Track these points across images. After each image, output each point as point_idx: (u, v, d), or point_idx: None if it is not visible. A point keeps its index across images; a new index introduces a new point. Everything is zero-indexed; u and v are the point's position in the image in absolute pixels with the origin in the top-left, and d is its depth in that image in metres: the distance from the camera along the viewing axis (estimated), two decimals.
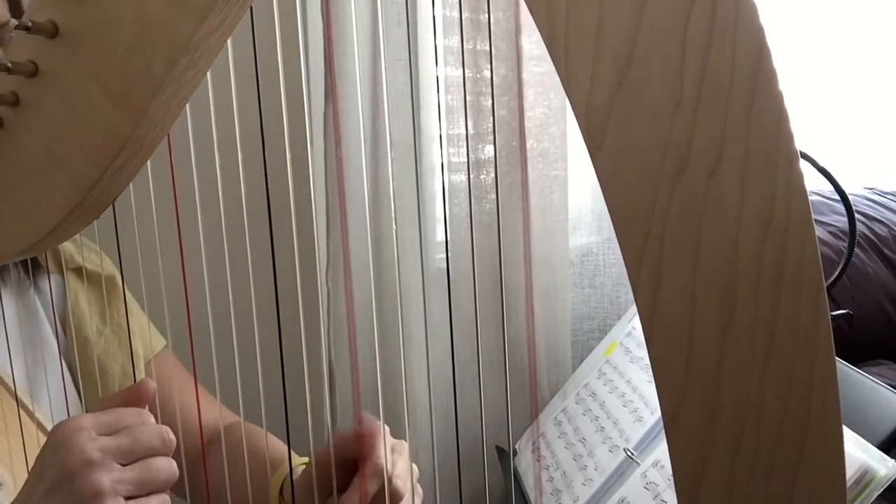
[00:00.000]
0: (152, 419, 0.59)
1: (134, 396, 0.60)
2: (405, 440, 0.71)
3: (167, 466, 0.57)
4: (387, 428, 0.69)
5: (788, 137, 0.38)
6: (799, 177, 0.39)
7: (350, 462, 0.68)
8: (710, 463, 0.41)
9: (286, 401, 0.63)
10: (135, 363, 0.84)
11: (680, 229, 0.40)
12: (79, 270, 0.83)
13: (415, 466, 0.71)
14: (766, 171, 0.39)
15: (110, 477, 0.54)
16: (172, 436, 0.58)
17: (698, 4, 0.38)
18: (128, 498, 0.55)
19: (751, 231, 0.39)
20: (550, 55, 0.41)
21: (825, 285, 0.40)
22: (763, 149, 0.39)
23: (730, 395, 0.41)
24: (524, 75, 1.27)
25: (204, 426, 0.78)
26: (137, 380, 0.83)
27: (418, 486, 0.71)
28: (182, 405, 0.83)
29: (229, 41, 0.50)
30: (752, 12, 0.38)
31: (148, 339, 0.90)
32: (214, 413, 0.83)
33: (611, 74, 0.40)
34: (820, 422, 0.40)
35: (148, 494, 0.56)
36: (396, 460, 0.68)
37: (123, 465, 0.55)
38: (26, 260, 0.78)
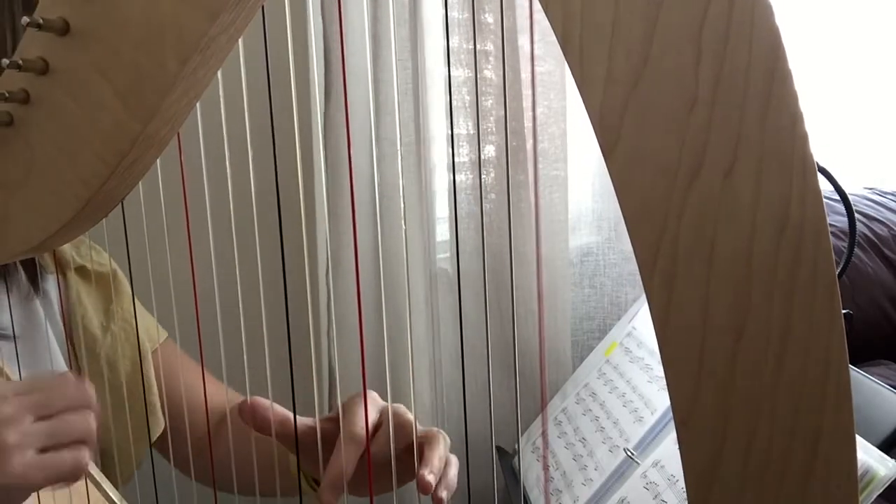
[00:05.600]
0: (71, 379, 0.58)
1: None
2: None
3: (82, 419, 0.56)
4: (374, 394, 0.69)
5: (803, 138, 0.38)
6: (814, 177, 0.39)
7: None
8: (721, 465, 0.41)
9: (294, 400, 0.64)
10: (143, 355, 0.84)
11: (694, 230, 0.40)
12: (79, 270, 0.83)
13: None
14: (782, 172, 0.39)
15: (17, 430, 0.53)
16: (92, 390, 0.58)
17: (714, 4, 0.38)
18: (42, 451, 0.54)
19: (765, 232, 0.39)
20: (565, 55, 0.41)
21: None
22: (778, 149, 0.39)
23: (742, 397, 0.40)
24: (524, 75, 1.27)
25: (211, 408, 0.78)
26: (146, 373, 0.83)
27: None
28: (189, 387, 0.83)
29: (240, 40, 0.50)
30: (768, 12, 0.38)
31: (154, 331, 0.89)
32: (221, 396, 0.83)
33: (626, 75, 0.40)
34: (833, 423, 0.40)
35: (66, 447, 0.55)
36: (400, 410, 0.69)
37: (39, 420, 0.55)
38: (31, 265, 0.78)
